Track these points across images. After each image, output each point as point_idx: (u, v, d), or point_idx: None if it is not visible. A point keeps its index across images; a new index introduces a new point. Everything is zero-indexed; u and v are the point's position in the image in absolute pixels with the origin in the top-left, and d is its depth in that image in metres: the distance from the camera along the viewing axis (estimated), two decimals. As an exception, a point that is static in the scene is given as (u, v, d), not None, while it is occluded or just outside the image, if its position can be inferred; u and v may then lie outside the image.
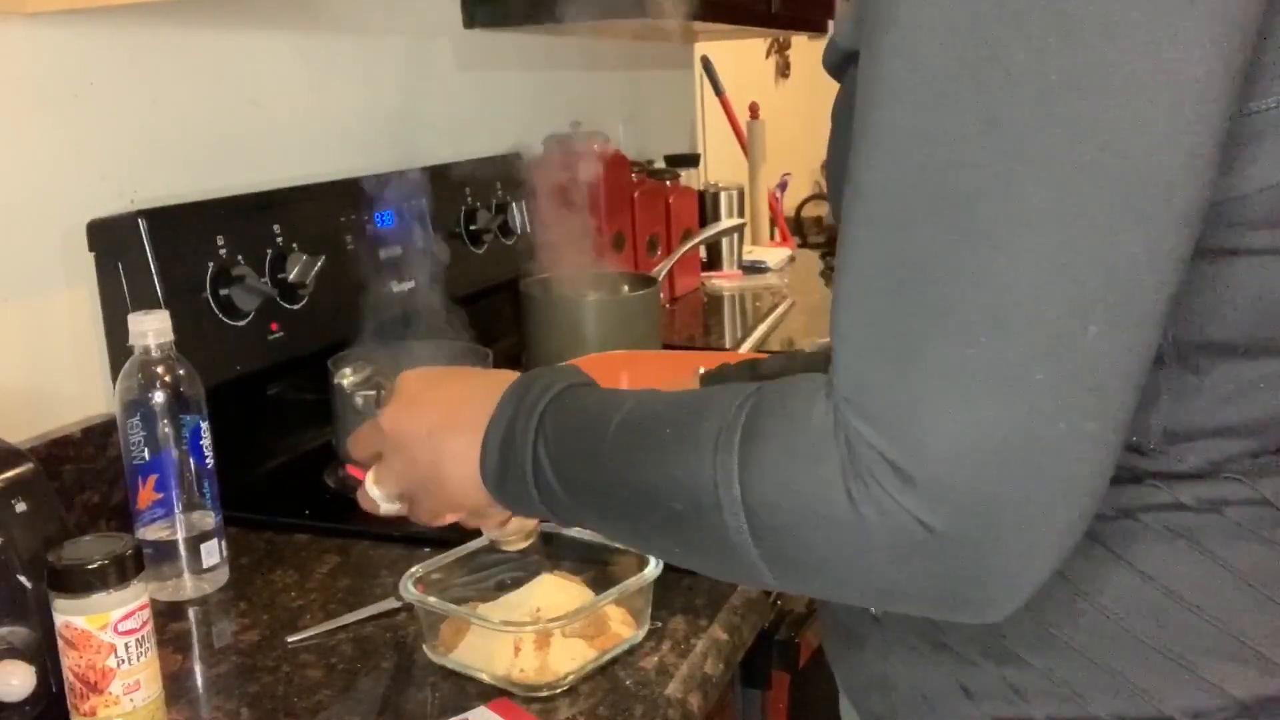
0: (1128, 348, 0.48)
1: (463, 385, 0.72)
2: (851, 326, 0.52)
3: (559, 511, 0.66)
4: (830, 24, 2.35)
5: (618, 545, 0.92)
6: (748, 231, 2.58)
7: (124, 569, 0.74)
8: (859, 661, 0.70)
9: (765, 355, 1.07)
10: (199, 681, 0.85)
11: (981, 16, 0.47)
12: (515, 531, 0.82)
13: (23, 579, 0.77)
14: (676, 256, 1.83)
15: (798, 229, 3.20)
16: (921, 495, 0.49)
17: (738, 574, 0.57)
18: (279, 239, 1.24)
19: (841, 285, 0.52)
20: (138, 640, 0.75)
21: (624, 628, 0.86)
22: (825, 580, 0.54)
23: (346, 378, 1.16)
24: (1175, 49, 0.46)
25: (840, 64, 0.63)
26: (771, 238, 2.73)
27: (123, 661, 0.74)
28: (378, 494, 0.78)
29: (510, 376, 0.70)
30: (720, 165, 2.69)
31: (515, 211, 1.69)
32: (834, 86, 0.70)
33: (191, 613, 0.96)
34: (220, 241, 1.17)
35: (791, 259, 2.52)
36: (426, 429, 0.71)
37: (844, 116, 0.62)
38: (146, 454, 0.95)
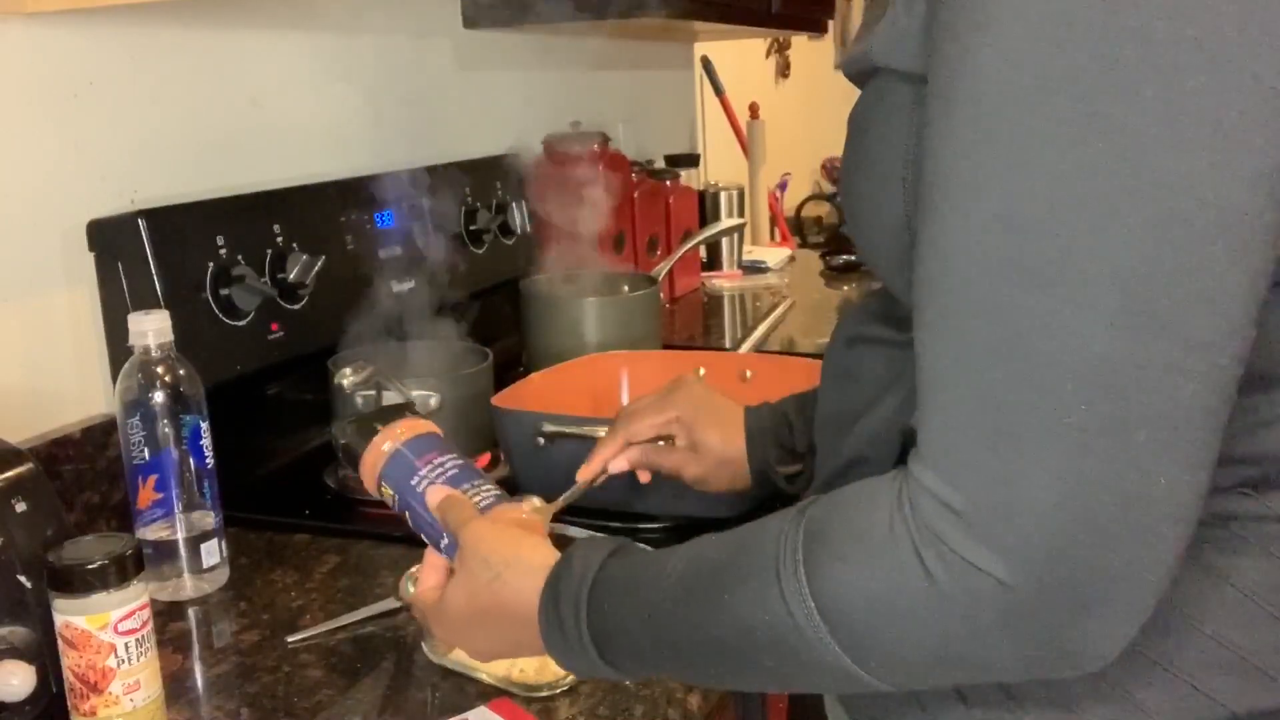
0: (1220, 394, 0.48)
1: (484, 635, 0.72)
2: (937, 393, 0.51)
3: (638, 674, 0.67)
4: (830, 24, 2.35)
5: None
6: (748, 231, 2.58)
7: (124, 569, 0.74)
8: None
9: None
10: (199, 681, 0.85)
11: (1072, 71, 0.46)
12: None
13: (23, 579, 0.77)
14: (676, 256, 1.83)
15: (798, 229, 3.20)
16: (1009, 559, 0.48)
17: (838, 685, 0.56)
18: (279, 239, 1.24)
19: (925, 347, 0.52)
20: (138, 640, 0.75)
21: (624, 628, 0.86)
22: (920, 666, 0.53)
23: (346, 378, 1.16)
24: (1257, 96, 0.45)
25: (865, 74, 0.62)
26: (771, 238, 2.73)
27: (123, 661, 0.74)
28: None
29: (514, 601, 0.68)
30: (720, 165, 2.69)
31: (515, 211, 1.69)
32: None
33: (191, 613, 0.96)
34: (220, 241, 1.17)
35: (791, 259, 2.52)
36: (483, 654, 0.74)
37: (865, 125, 0.61)
38: (146, 454, 0.95)
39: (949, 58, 0.51)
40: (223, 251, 1.17)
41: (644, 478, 0.97)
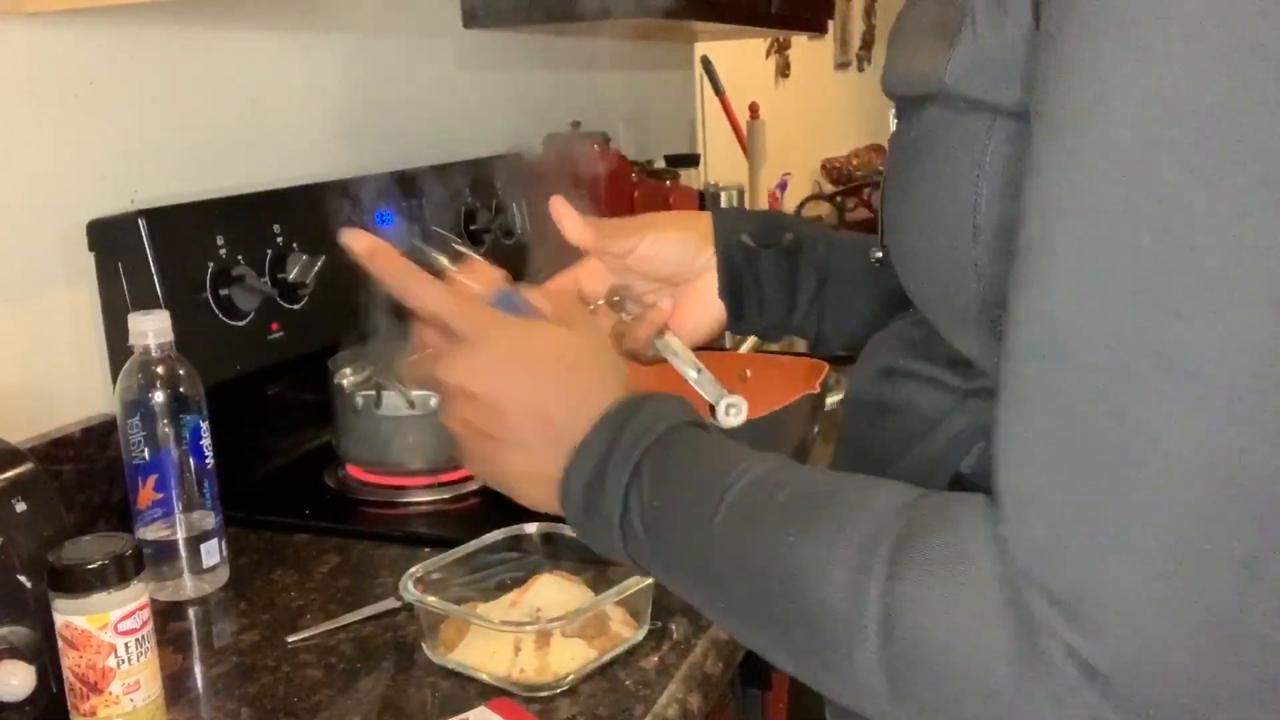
0: None
1: (554, 386, 0.63)
2: (1030, 489, 0.46)
3: (645, 566, 0.61)
4: (830, 24, 2.35)
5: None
6: (748, 231, 2.57)
7: (124, 569, 0.74)
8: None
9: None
10: (199, 681, 0.85)
11: (1204, 134, 0.41)
12: None
13: (23, 579, 0.77)
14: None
15: (798, 229, 3.20)
16: (1113, 697, 0.43)
17: (847, 693, 0.51)
18: (279, 239, 1.24)
19: (1017, 436, 0.46)
20: (138, 640, 0.75)
21: (624, 628, 0.86)
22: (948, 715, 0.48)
23: (346, 378, 1.16)
24: None
25: (923, 97, 0.56)
26: (771, 238, 2.72)
27: (123, 661, 0.74)
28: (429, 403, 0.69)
29: (606, 394, 0.62)
30: (720, 165, 2.69)
31: (515, 211, 1.69)
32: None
33: (191, 613, 0.96)
34: (220, 241, 1.17)
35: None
36: (490, 428, 0.63)
37: (923, 157, 0.56)
38: (146, 454, 0.95)
39: (1073, 91, 0.44)
40: (223, 251, 1.17)
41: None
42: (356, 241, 0.72)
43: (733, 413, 0.80)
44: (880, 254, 0.74)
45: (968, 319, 0.57)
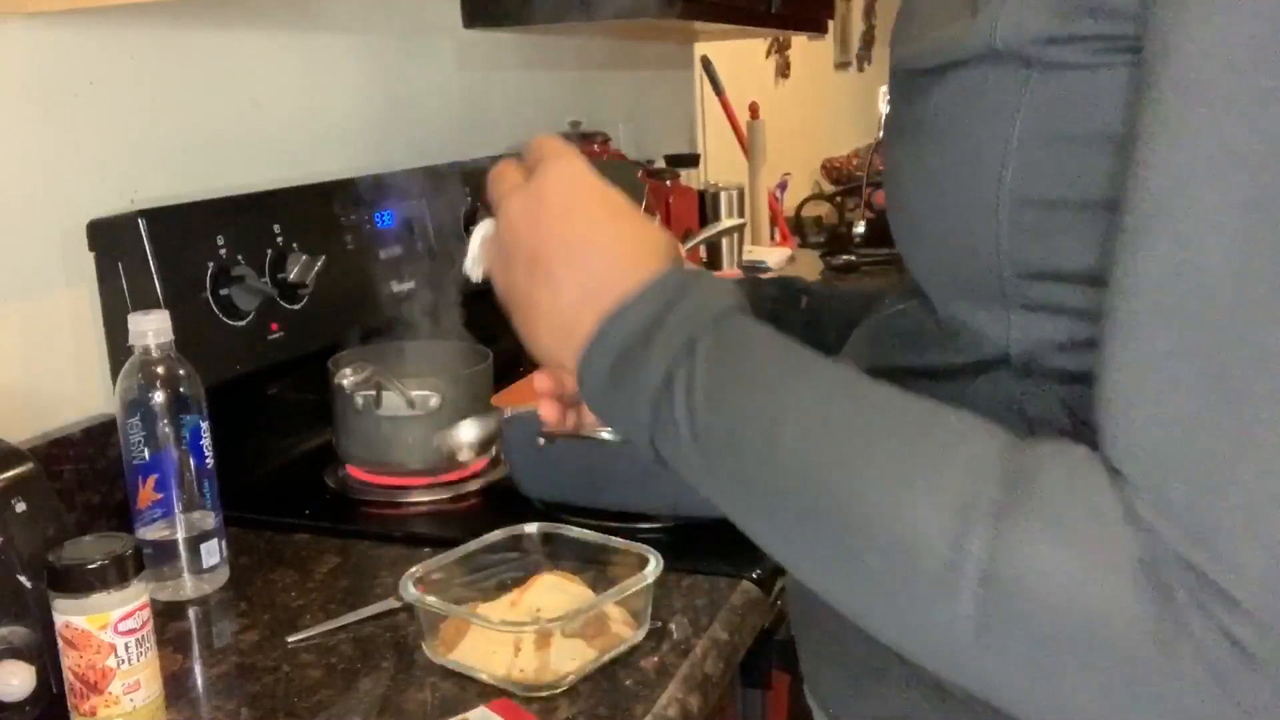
0: None
1: (608, 230, 0.57)
2: (1154, 420, 0.44)
3: (673, 457, 0.54)
4: (830, 24, 2.35)
5: (618, 545, 0.92)
6: (748, 231, 2.58)
7: (124, 569, 0.74)
8: (868, 695, 0.65)
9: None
10: (199, 681, 0.85)
11: None
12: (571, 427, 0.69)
13: (23, 579, 0.77)
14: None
15: (798, 229, 3.20)
16: (1247, 619, 0.41)
17: (912, 631, 0.48)
18: (279, 239, 1.24)
19: (1140, 390, 0.45)
20: (138, 640, 0.75)
21: (624, 628, 0.86)
22: (1071, 695, 0.45)
23: (346, 378, 1.16)
24: None
25: (948, 66, 0.55)
26: (771, 238, 2.73)
27: (123, 661, 0.74)
28: (470, 255, 0.65)
29: (656, 257, 0.56)
30: (720, 165, 2.69)
31: (515, 211, 1.68)
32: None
33: (191, 613, 0.96)
34: (220, 241, 1.17)
35: (791, 259, 2.51)
36: (528, 266, 0.58)
37: (943, 127, 0.56)
38: (146, 454, 0.95)
39: (1178, 30, 0.43)
40: (223, 251, 1.17)
41: None
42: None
43: None
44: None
45: (981, 292, 0.57)
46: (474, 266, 0.66)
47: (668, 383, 0.53)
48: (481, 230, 0.66)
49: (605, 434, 0.70)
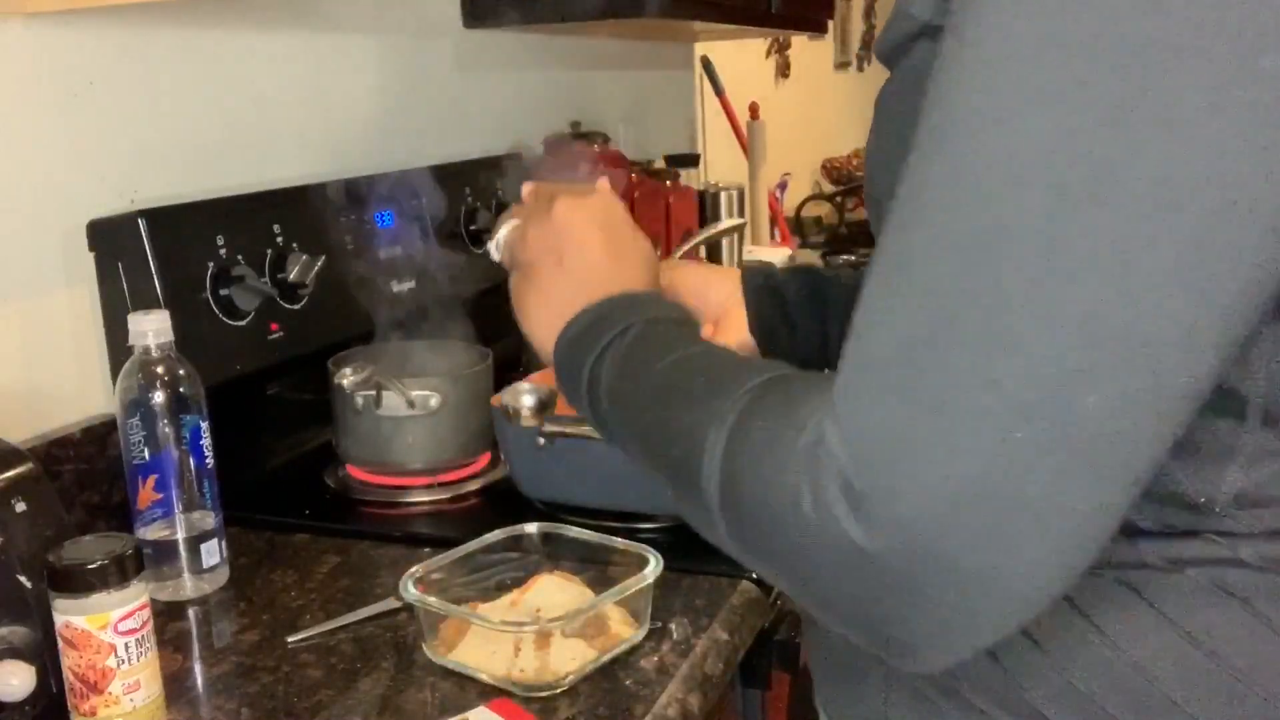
0: (1134, 424, 0.44)
1: (611, 252, 0.77)
2: (860, 348, 0.49)
3: (591, 414, 0.70)
4: (830, 24, 2.35)
5: (618, 545, 0.92)
6: (748, 231, 2.58)
7: (124, 569, 0.74)
8: (854, 698, 0.67)
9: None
10: (199, 681, 0.85)
11: (1062, 53, 0.44)
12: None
13: (23, 579, 0.77)
14: (676, 256, 1.82)
15: (798, 229, 3.20)
16: (870, 522, 0.46)
17: (709, 535, 0.58)
18: (279, 239, 1.24)
19: (865, 301, 0.50)
20: (138, 640, 0.75)
21: (624, 628, 0.86)
22: (770, 565, 0.54)
23: (346, 378, 1.16)
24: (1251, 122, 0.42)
25: (897, 49, 0.58)
26: (772, 238, 2.73)
27: (123, 661, 0.74)
28: (496, 238, 0.86)
29: (627, 271, 0.76)
30: (720, 165, 2.69)
31: (515, 211, 1.68)
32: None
33: (191, 613, 0.96)
34: (220, 241, 1.17)
35: (791, 259, 2.51)
36: (549, 256, 0.78)
37: (898, 107, 0.58)
38: (146, 454, 0.95)
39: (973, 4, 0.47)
40: (223, 251, 1.17)
41: None
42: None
43: None
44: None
45: None
46: (497, 250, 0.85)
47: (600, 355, 0.69)
48: (511, 221, 0.84)
49: None
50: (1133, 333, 0.43)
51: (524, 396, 1.04)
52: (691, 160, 2.42)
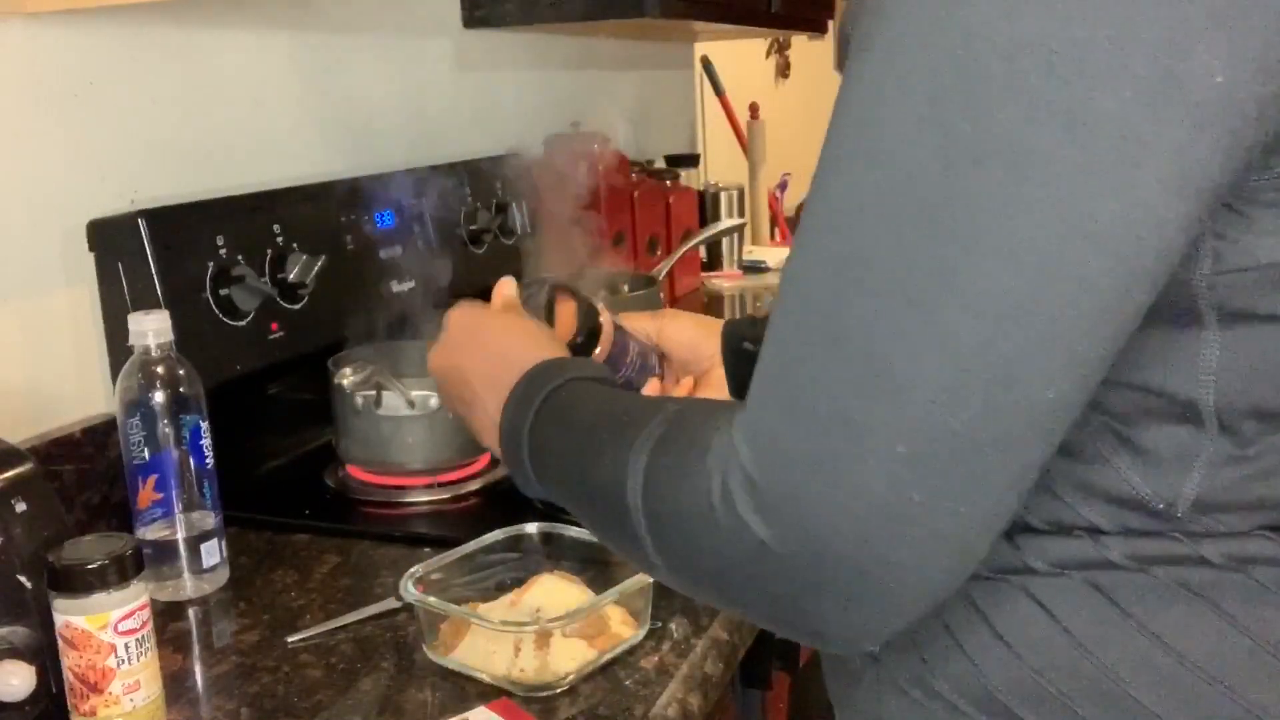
0: (1006, 435, 0.47)
1: (497, 348, 0.79)
2: (761, 360, 0.53)
3: (546, 491, 0.72)
4: (830, 24, 2.35)
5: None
6: (748, 231, 2.58)
7: (124, 569, 0.74)
8: (854, 700, 0.68)
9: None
10: (199, 681, 0.85)
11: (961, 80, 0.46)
12: None
13: (23, 579, 0.77)
14: (676, 256, 1.83)
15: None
16: (768, 515, 0.50)
17: (640, 561, 0.61)
18: (279, 239, 1.24)
19: (771, 317, 0.53)
20: (138, 640, 0.75)
21: (624, 628, 0.86)
22: (691, 574, 0.57)
23: (346, 378, 1.16)
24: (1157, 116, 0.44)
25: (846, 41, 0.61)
26: (772, 238, 2.73)
27: (123, 661, 0.74)
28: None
29: (530, 355, 0.76)
30: (720, 165, 2.69)
31: (515, 211, 1.68)
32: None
33: (191, 613, 0.96)
34: (220, 241, 1.17)
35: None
36: (459, 392, 0.81)
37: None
38: (146, 454, 0.95)
39: (859, 32, 0.50)
40: (223, 251, 1.17)
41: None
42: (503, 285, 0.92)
43: None
44: None
45: None
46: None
47: (532, 450, 0.71)
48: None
49: None
50: (991, 354, 0.46)
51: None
52: (691, 160, 2.42)
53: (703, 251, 2.32)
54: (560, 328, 0.91)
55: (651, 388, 0.96)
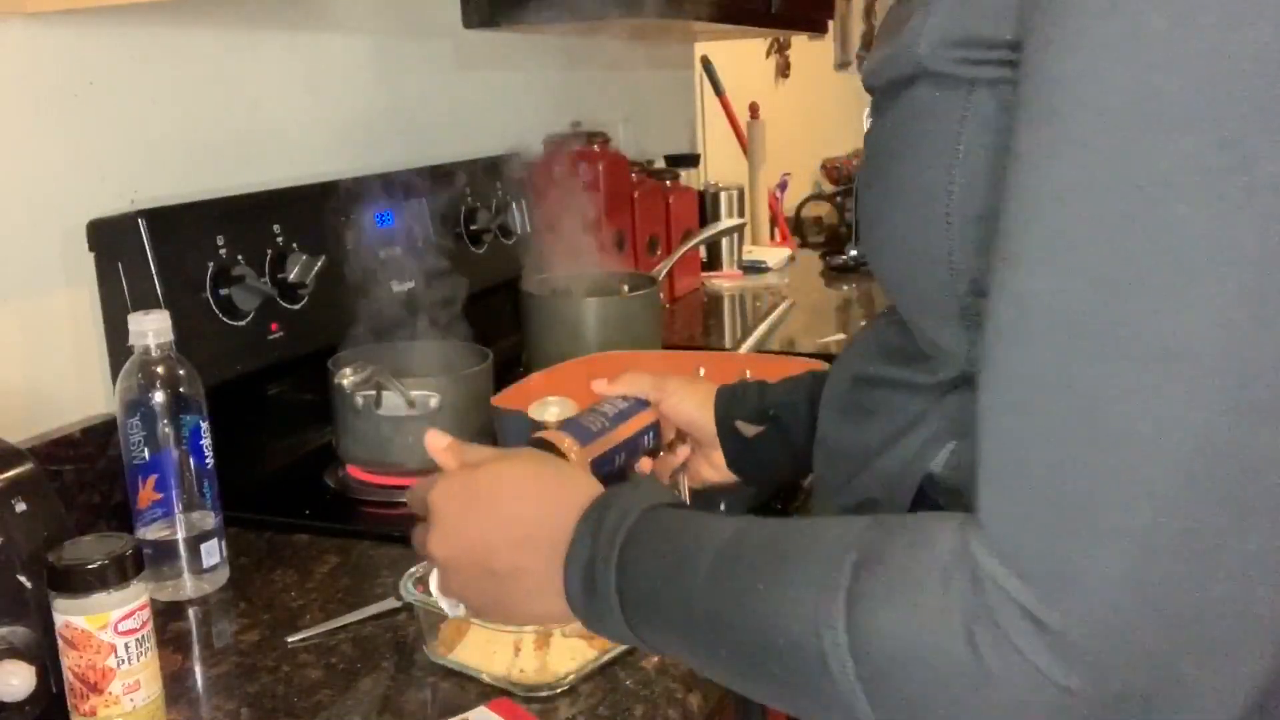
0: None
1: (515, 511, 0.66)
2: (1003, 463, 0.46)
3: (655, 646, 0.62)
4: (830, 24, 2.35)
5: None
6: (748, 231, 2.58)
7: (124, 569, 0.74)
8: None
9: (771, 355, 1.07)
10: (199, 681, 0.85)
11: (1223, 100, 0.41)
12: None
13: (23, 579, 0.77)
14: (676, 256, 1.83)
15: (798, 229, 3.20)
16: (1063, 654, 0.44)
17: (837, 717, 0.52)
18: (279, 239, 1.24)
19: (991, 410, 0.47)
20: (138, 640, 0.75)
21: (624, 628, 0.86)
22: None
23: (346, 378, 1.16)
24: None
25: (899, 83, 0.57)
26: (771, 238, 2.73)
27: (123, 661, 0.74)
28: (445, 603, 0.72)
29: (564, 498, 0.65)
30: (720, 165, 2.69)
31: (515, 211, 1.69)
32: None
33: (191, 613, 0.96)
34: (220, 241, 1.17)
35: (791, 259, 2.52)
36: (486, 568, 0.66)
37: (895, 146, 0.57)
38: (146, 454, 0.95)
39: (1048, 63, 0.45)
40: (223, 251, 1.17)
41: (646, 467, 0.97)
42: (433, 441, 0.73)
43: None
44: (855, 252, 0.77)
45: (941, 310, 0.57)
46: (452, 607, 0.72)
47: (623, 603, 0.60)
48: (432, 577, 0.72)
49: None
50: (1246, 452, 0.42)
51: (551, 407, 1.04)
52: (691, 160, 2.42)
53: (703, 251, 2.32)
54: None
55: (644, 466, 0.95)
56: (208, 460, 0.98)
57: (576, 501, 0.64)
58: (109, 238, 1.11)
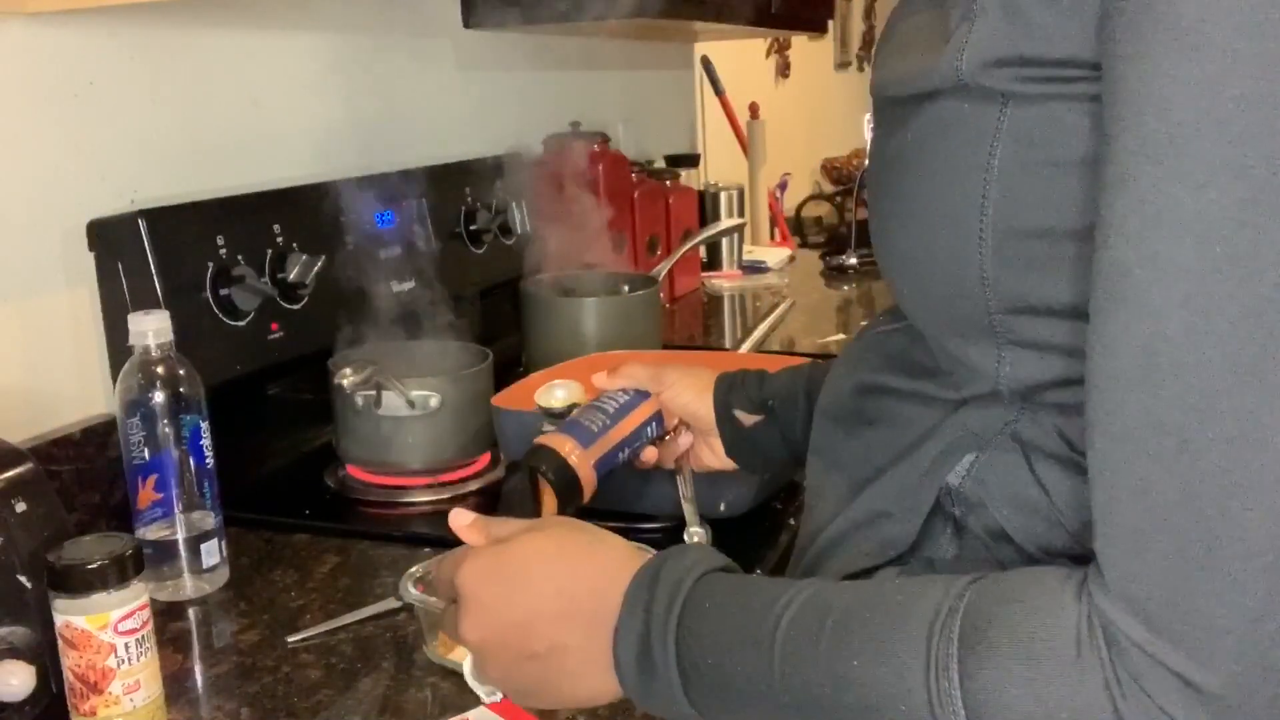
0: None
1: (550, 586, 0.61)
2: (1136, 519, 0.44)
3: (688, 712, 0.58)
4: (830, 24, 2.35)
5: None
6: (747, 231, 2.58)
7: (124, 569, 0.74)
8: None
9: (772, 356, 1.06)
10: (199, 681, 0.85)
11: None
12: None
13: (23, 579, 0.77)
14: (676, 256, 1.83)
15: (798, 229, 3.21)
16: (1214, 712, 0.43)
17: None
18: (279, 239, 1.24)
19: (1107, 462, 0.45)
20: (138, 640, 0.75)
21: (624, 628, 0.86)
22: None
23: (346, 378, 1.16)
24: None
25: (921, 96, 0.55)
26: (771, 238, 2.73)
27: (123, 661, 0.74)
28: (481, 690, 0.69)
29: (602, 567, 0.61)
30: (720, 165, 2.69)
31: (515, 211, 1.69)
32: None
33: (191, 613, 0.96)
34: (220, 241, 1.17)
35: (791, 259, 2.52)
36: (525, 649, 0.61)
37: (920, 160, 0.56)
38: (146, 454, 0.95)
39: (1146, 79, 0.43)
40: (223, 251, 1.17)
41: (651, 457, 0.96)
42: (457, 519, 0.67)
43: (695, 538, 0.95)
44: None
45: (969, 326, 0.56)
46: (489, 694, 0.70)
47: (684, 679, 0.56)
48: (467, 663, 0.68)
49: None
50: None
51: (557, 391, 1.05)
52: (691, 160, 2.42)
53: (702, 251, 2.32)
54: (546, 500, 0.84)
55: (648, 454, 0.95)
56: (208, 460, 0.98)
57: (617, 570, 0.60)
58: (109, 238, 1.11)
